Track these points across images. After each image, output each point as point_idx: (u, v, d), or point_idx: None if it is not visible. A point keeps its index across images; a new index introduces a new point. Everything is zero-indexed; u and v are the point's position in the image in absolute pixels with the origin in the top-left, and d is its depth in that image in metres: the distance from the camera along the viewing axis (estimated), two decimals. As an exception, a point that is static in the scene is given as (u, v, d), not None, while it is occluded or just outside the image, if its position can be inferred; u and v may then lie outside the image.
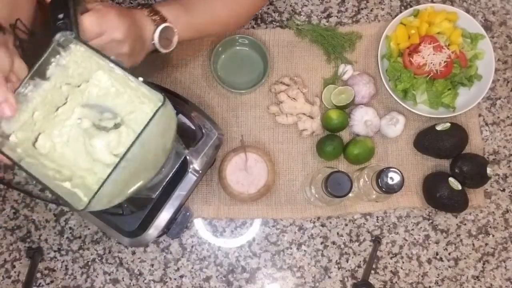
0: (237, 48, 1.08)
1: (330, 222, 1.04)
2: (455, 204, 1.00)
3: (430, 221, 1.05)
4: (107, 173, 0.61)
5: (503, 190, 1.07)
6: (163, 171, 0.78)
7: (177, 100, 0.96)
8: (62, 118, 0.68)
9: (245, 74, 1.07)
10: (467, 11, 1.12)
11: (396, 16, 1.06)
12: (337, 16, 1.11)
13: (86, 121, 0.67)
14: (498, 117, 1.09)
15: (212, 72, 1.03)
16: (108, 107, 0.69)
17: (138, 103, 0.67)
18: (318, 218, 1.04)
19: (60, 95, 0.68)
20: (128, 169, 0.63)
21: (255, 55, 1.07)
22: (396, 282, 1.02)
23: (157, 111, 0.62)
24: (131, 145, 0.61)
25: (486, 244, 1.04)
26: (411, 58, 1.03)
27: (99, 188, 0.60)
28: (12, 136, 0.65)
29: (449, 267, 1.03)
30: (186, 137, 0.85)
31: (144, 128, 0.61)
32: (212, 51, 1.04)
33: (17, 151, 0.65)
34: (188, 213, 0.98)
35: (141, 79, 0.64)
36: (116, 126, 0.68)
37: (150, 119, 0.61)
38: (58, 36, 0.65)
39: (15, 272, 1.00)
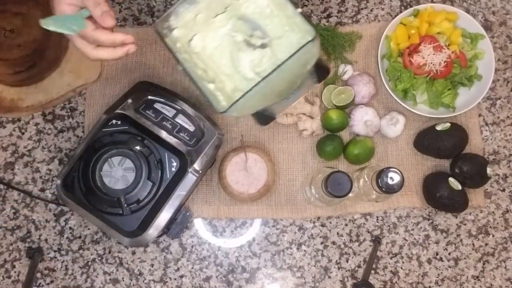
0: None
1: (330, 222, 1.04)
2: (455, 204, 1.00)
3: (430, 221, 1.05)
4: (243, 84, 0.72)
5: (503, 190, 1.07)
6: (291, 97, 0.83)
7: (177, 100, 0.96)
8: (218, 25, 0.76)
9: None
10: (467, 11, 1.12)
11: (396, 16, 1.06)
12: (337, 16, 1.11)
13: (239, 35, 0.75)
14: (498, 117, 1.09)
15: None
16: (260, 25, 0.75)
17: (288, 30, 0.73)
18: (318, 218, 1.04)
19: (222, 4, 0.76)
20: (263, 89, 0.71)
21: None
22: (396, 282, 1.02)
23: (305, 44, 0.67)
24: (274, 70, 0.68)
25: (486, 244, 1.04)
26: (411, 58, 1.03)
27: (238, 99, 0.69)
28: (175, 30, 0.76)
29: (449, 267, 1.03)
30: (320, 69, 0.88)
31: (290, 57, 0.68)
32: None
33: (176, 45, 0.76)
34: (188, 213, 0.98)
35: (299, 10, 0.69)
36: (263, 46, 0.75)
37: (298, 50, 0.67)
38: None
39: (15, 272, 1.00)
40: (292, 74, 0.74)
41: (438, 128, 1.03)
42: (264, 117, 0.88)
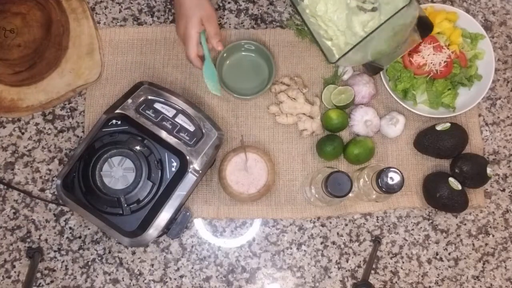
0: (243, 53, 1.07)
1: (330, 222, 1.04)
2: (455, 204, 1.00)
3: (430, 221, 1.05)
4: (353, 40, 0.91)
5: (503, 190, 1.07)
6: (397, 51, 0.98)
7: (177, 100, 0.96)
8: None
9: (250, 79, 1.06)
10: (467, 11, 1.12)
11: (396, 16, 1.06)
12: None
13: (353, 2, 0.93)
14: (498, 117, 1.09)
15: (217, 77, 1.03)
16: None
17: None
18: (318, 218, 1.04)
19: None
20: (368, 44, 0.87)
21: (261, 61, 1.07)
22: (396, 282, 1.02)
23: (399, 10, 0.84)
24: (373, 30, 0.85)
25: (486, 244, 1.04)
26: (411, 58, 1.03)
27: (347, 52, 0.87)
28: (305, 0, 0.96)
29: (449, 267, 1.03)
30: (423, 26, 0.97)
31: (388, 19, 0.84)
32: (217, 57, 1.04)
33: (306, 11, 0.95)
34: (188, 213, 0.98)
35: None
36: (373, 9, 0.93)
37: (393, 15, 0.84)
38: None
39: (15, 272, 1.00)
40: (393, 33, 0.89)
41: (438, 128, 1.03)
42: (373, 68, 1.01)
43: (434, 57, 1.02)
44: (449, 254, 1.04)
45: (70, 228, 1.02)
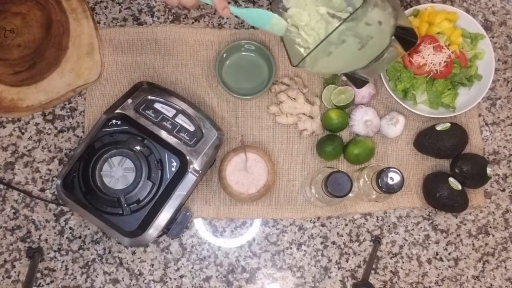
0: (243, 53, 1.07)
1: (330, 222, 1.04)
2: (455, 204, 1.00)
3: (430, 221, 1.05)
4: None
5: (503, 190, 1.07)
6: (381, 61, 0.91)
7: (177, 100, 0.96)
8: (318, 5, 0.91)
9: (250, 79, 1.06)
10: (467, 11, 1.12)
11: (396, 16, 1.06)
12: (337, 16, 1.11)
13: (322, 9, 0.90)
14: (498, 117, 1.09)
15: (217, 77, 1.03)
16: (353, 2, 0.90)
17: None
18: (318, 218, 1.04)
19: None
20: (333, 51, 0.84)
21: (261, 61, 1.07)
22: (396, 282, 1.02)
23: (355, 11, 0.79)
24: (328, 35, 0.80)
25: (486, 244, 1.04)
26: (411, 58, 1.03)
27: (305, 56, 0.84)
28: (289, 10, 0.92)
29: (449, 267, 1.03)
30: (407, 38, 0.91)
31: (342, 22, 0.79)
32: (217, 57, 1.04)
33: (287, 21, 0.91)
34: (188, 213, 0.98)
35: None
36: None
37: (349, 16, 0.79)
38: None
39: (15, 272, 1.00)
40: (360, 40, 0.84)
41: (438, 128, 1.03)
42: (357, 80, 0.97)
43: (434, 57, 1.02)
44: (449, 254, 1.04)
45: (70, 228, 1.02)
